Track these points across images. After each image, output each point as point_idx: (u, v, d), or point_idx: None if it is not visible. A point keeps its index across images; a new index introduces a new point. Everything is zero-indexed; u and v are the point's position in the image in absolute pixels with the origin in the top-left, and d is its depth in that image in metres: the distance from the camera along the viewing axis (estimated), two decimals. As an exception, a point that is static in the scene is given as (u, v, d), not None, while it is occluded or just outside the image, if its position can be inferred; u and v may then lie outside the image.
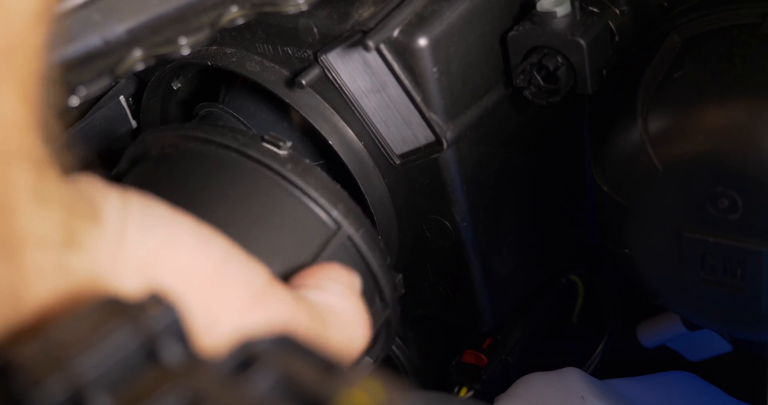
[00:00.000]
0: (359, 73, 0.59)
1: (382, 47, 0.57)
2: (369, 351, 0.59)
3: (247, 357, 0.30)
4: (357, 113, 0.62)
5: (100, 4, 0.49)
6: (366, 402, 0.29)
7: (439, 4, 0.57)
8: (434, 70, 0.57)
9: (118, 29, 0.50)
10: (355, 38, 0.57)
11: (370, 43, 0.55)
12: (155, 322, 0.31)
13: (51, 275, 0.35)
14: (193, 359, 0.30)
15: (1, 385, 0.30)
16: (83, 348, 0.30)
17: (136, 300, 0.32)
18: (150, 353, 0.31)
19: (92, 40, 0.49)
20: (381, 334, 0.59)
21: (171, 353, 0.31)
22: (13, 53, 0.32)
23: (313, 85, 0.62)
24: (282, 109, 0.68)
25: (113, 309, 0.32)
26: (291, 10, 0.55)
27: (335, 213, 0.54)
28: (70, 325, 0.31)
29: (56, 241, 0.35)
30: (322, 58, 0.60)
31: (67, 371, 0.29)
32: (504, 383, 0.74)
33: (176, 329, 0.32)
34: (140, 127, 0.76)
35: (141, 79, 0.75)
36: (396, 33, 0.56)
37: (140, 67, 0.51)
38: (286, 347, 0.30)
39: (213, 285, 0.40)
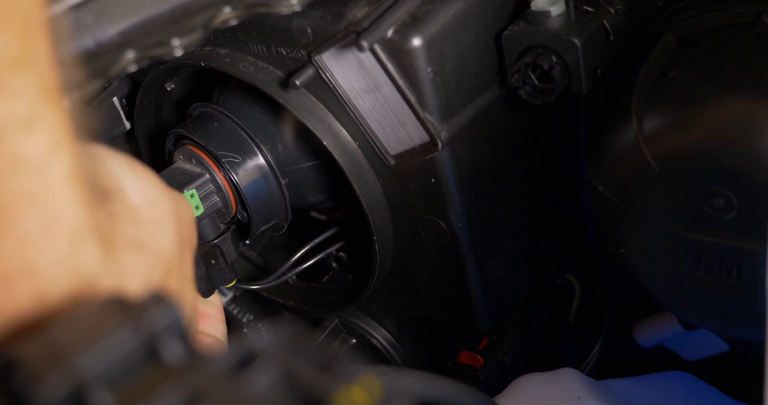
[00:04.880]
0: (353, 73, 0.59)
1: (376, 47, 0.57)
2: None
3: (247, 355, 0.30)
4: (351, 114, 0.62)
5: (93, 6, 0.49)
6: (364, 399, 0.29)
7: (433, 4, 0.57)
8: (428, 70, 0.57)
9: (110, 31, 0.49)
10: (349, 38, 0.57)
11: (364, 44, 0.55)
12: (156, 321, 0.31)
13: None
14: (193, 357, 0.30)
15: (4, 383, 0.30)
16: (85, 346, 0.30)
17: (138, 299, 0.32)
18: (151, 351, 0.31)
19: (85, 41, 0.49)
20: None
21: (171, 351, 0.31)
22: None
23: (307, 86, 0.61)
24: (276, 109, 0.68)
25: (115, 308, 0.32)
26: (284, 10, 0.55)
27: None
28: (72, 324, 0.31)
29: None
30: (316, 58, 0.60)
31: (69, 369, 0.29)
32: (500, 384, 0.74)
33: (177, 328, 0.32)
34: (134, 128, 0.76)
35: (134, 80, 0.75)
36: (390, 33, 0.56)
37: (133, 68, 0.51)
38: (285, 345, 0.30)
39: None
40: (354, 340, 0.81)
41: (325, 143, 0.63)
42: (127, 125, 0.76)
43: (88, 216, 0.36)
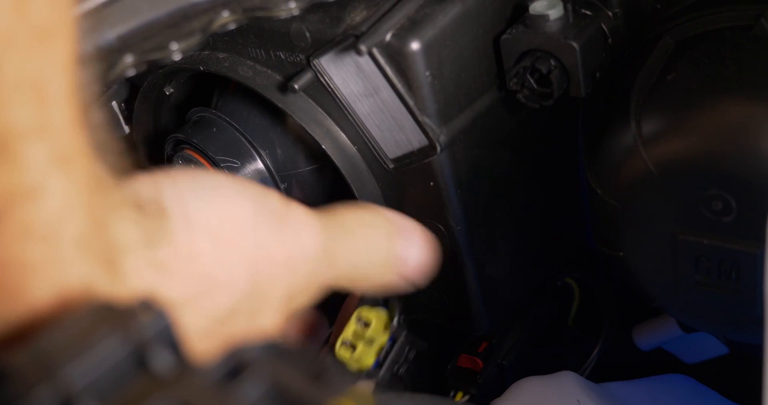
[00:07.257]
0: (352, 77, 0.59)
1: (375, 51, 0.57)
2: None
3: (237, 365, 0.30)
4: (350, 117, 0.62)
5: (91, 11, 0.49)
6: None
7: (432, 7, 0.57)
8: (427, 73, 0.57)
9: (109, 35, 0.50)
10: (348, 42, 0.57)
11: (363, 47, 0.55)
12: (146, 329, 0.31)
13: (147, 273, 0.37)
14: (183, 367, 0.30)
15: (-9, 395, 0.29)
16: (73, 356, 0.30)
17: (127, 306, 0.32)
18: (140, 361, 0.31)
19: (84, 46, 0.49)
20: None
21: (161, 361, 0.30)
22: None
23: (305, 90, 0.61)
24: (275, 113, 0.68)
25: (104, 316, 0.31)
26: (282, 14, 0.55)
27: None
28: (60, 332, 0.31)
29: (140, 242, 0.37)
30: (314, 62, 0.60)
31: (57, 380, 0.29)
32: (500, 387, 0.74)
33: (167, 336, 0.31)
34: (132, 132, 0.76)
35: (133, 84, 0.75)
36: (388, 37, 0.56)
37: (132, 72, 0.51)
38: (276, 355, 0.30)
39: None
40: (353, 344, 0.81)
41: (324, 147, 0.63)
42: (126, 129, 0.76)
43: (102, 280, 0.35)
